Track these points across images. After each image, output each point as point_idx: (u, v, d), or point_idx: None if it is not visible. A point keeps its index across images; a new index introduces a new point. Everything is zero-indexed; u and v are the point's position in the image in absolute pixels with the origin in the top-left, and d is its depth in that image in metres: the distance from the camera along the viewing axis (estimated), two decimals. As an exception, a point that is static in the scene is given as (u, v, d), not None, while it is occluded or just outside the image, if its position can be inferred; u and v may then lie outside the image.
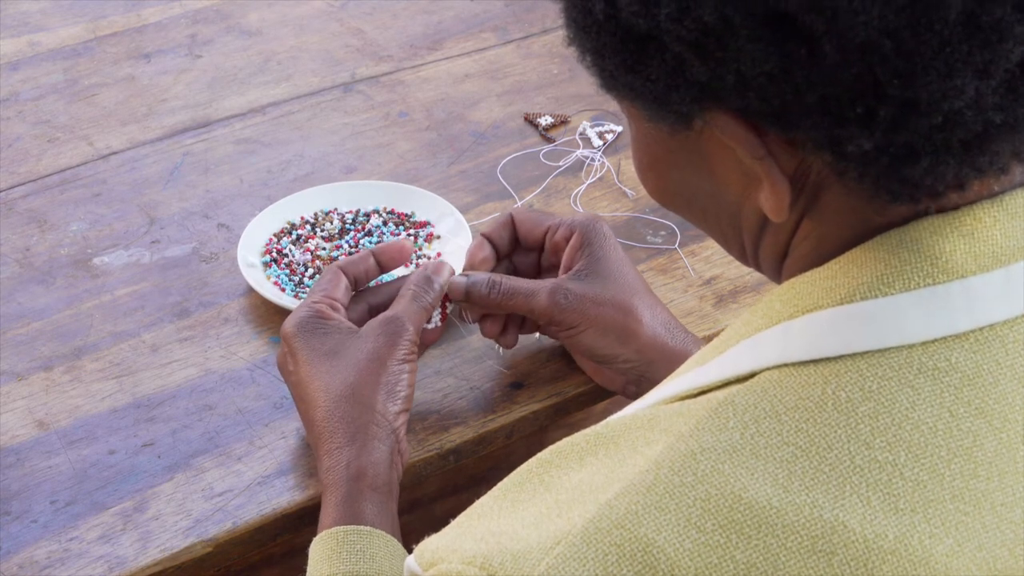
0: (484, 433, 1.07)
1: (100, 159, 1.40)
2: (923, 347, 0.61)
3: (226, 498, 1.01)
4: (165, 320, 1.18)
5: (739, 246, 0.71)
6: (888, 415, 0.60)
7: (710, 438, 0.60)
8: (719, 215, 0.69)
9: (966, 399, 0.61)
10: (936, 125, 0.57)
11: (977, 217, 0.62)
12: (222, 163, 1.39)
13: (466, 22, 1.66)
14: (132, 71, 1.56)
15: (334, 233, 1.26)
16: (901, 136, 0.58)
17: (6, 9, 1.68)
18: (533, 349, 1.14)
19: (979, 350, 0.61)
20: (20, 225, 1.30)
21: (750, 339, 0.65)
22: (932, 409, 0.60)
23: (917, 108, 0.56)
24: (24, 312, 1.19)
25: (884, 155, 0.59)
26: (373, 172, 1.37)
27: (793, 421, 0.60)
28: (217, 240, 1.28)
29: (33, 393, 1.10)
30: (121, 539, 0.97)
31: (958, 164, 0.59)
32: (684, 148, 0.67)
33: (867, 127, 0.58)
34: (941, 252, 0.62)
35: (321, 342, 0.99)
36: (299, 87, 1.53)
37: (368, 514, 0.93)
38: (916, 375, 0.60)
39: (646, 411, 0.65)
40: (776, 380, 0.62)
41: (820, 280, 0.64)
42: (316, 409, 0.97)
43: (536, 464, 0.66)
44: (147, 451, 1.05)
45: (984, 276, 0.62)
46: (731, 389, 0.62)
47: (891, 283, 0.62)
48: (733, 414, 0.61)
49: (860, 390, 0.60)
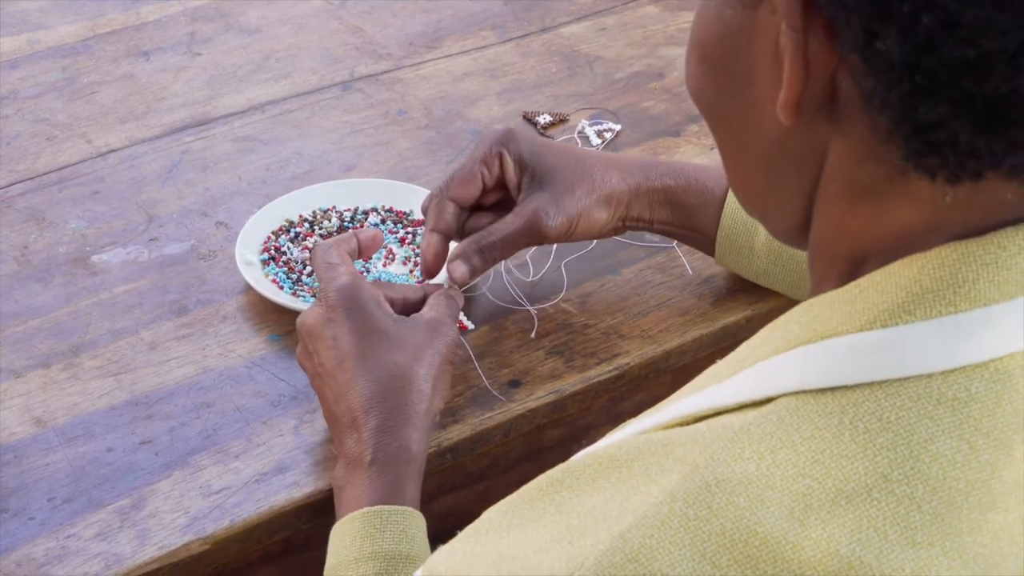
0: (481, 431, 1.07)
1: (99, 157, 1.40)
2: (943, 377, 0.60)
3: (224, 496, 1.01)
4: (163, 318, 1.18)
5: (754, 176, 0.70)
6: (906, 447, 0.58)
7: (725, 470, 0.59)
8: (743, 122, 0.67)
9: (985, 430, 0.59)
10: (967, 60, 0.54)
11: (1001, 244, 0.61)
12: (221, 161, 1.39)
13: (465, 20, 1.66)
14: (131, 69, 1.56)
15: (332, 231, 1.26)
16: (929, 59, 0.55)
17: (6, 7, 1.68)
18: (531, 348, 1.14)
19: (999, 379, 0.60)
20: (19, 223, 1.30)
21: (767, 361, 0.63)
22: (951, 441, 0.59)
23: (957, 31, 0.54)
24: (22, 309, 1.19)
25: (906, 79, 0.56)
26: (372, 170, 1.37)
27: (810, 452, 0.59)
28: (215, 238, 1.28)
29: (31, 390, 1.10)
30: (118, 537, 0.97)
31: (973, 130, 0.57)
32: (740, 29, 0.64)
33: (904, 31, 0.55)
34: (964, 280, 0.60)
35: (370, 318, 1.00)
36: (298, 85, 1.53)
37: (411, 497, 0.94)
38: (935, 406, 0.59)
39: (660, 435, 0.63)
40: (793, 408, 0.60)
41: (840, 304, 0.63)
42: (362, 382, 0.97)
43: (547, 482, 0.64)
44: (145, 449, 1.05)
45: (1006, 304, 0.60)
46: (747, 415, 0.61)
47: (912, 311, 0.60)
48: (749, 444, 0.59)
49: (878, 421, 0.59)
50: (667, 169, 1.14)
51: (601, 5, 1.68)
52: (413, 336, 1.00)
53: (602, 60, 1.57)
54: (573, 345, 1.14)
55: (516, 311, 1.18)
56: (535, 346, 1.14)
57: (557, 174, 1.11)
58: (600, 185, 1.12)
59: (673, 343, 1.15)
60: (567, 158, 1.12)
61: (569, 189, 1.11)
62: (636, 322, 1.17)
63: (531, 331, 1.16)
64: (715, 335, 1.17)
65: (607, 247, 1.25)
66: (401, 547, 0.89)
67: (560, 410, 1.11)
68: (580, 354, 1.13)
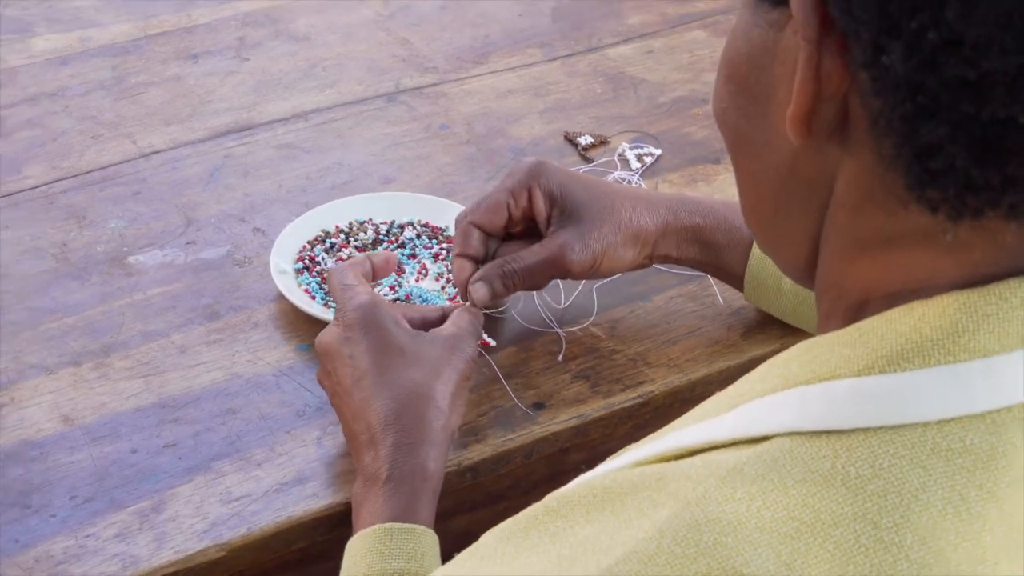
0: (503, 452, 1.07)
1: (142, 157, 1.41)
2: (939, 426, 0.59)
3: (243, 503, 1.01)
4: (195, 322, 1.19)
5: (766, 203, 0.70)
6: (897, 495, 0.58)
7: (716, 509, 0.59)
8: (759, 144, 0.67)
9: (978, 482, 0.59)
10: (967, 81, 0.54)
11: (1002, 296, 0.61)
12: (262, 167, 1.40)
13: (513, 37, 1.67)
14: (179, 71, 1.57)
15: (367, 243, 1.27)
16: (932, 78, 0.55)
17: (60, 4, 1.70)
18: (557, 371, 1.14)
19: (995, 432, 0.60)
20: (60, 220, 1.32)
21: (765, 399, 0.63)
22: (942, 491, 0.59)
23: (960, 49, 0.54)
24: (58, 307, 1.20)
25: (909, 98, 0.56)
26: (411, 183, 1.38)
27: (800, 495, 0.59)
28: (252, 244, 1.29)
29: (61, 388, 1.11)
30: (137, 538, 0.98)
31: (971, 158, 0.56)
32: (766, 50, 0.64)
33: (909, 47, 0.55)
34: (964, 330, 0.60)
35: (388, 335, 1.01)
36: (343, 95, 1.54)
37: (425, 515, 0.95)
38: (929, 455, 0.59)
39: (655, 468, 0.64)
40: (787, 449, 0.61)
41: (840, 346, 0.63)
42: (380, 399, 0.98)
43: (543, 511, 0.65)
44: (168, 452, 1.06)
45: (1007, 356, 0.60)
46: (742, 453, 0.61)
47: (911, 359, 0.60)
48: (741, 484, 0.59)
49: (871, 467, 0.59)
50: (696, 207, 1.14)
51: (649, 28, 1.68)
52: (431, 352, 1.01)
53: (647, 83, 1.57)
54: (599, 370, 1.15)
55: (545, 333, 1.18)
56: (561, 369, 1.15)
57: (585, 210, 1.11)
58: (628, 223, 1.12)
59: (699, 373, 1.15)
60: (596, 194, 1.12)
61: (596, 226, 1.11)
62: (664, 350, 1.17)
63: (558, 354, 1.16)
64: (742, 366, 1.16)
65: (640, 273, 1.25)
66: (410, 565, 0.90)
67: (583, 435, 1.11)
68: (606, 379, 1.14)
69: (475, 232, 1.13)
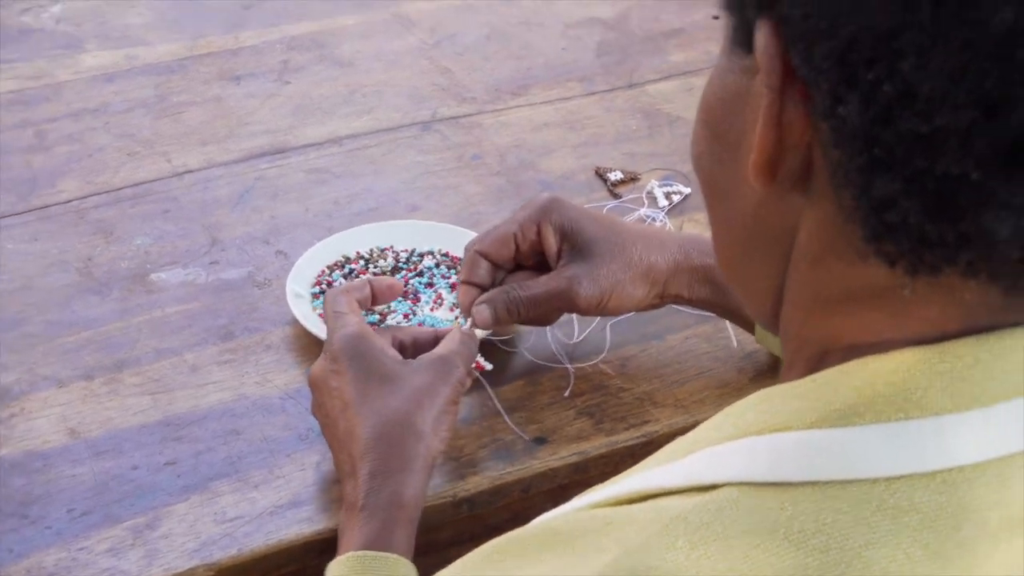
0: (500, 485, 1.07)
1: (175, 176, 1.43)
2: (887, 483, 0.58)
3: (236, 524, 1.02)
4: (209, 341, 1.20)
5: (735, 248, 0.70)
6: (839, 551, 0.57)
7: (656, 557, 0.58)
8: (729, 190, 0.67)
9: (924, 541, 0.58)
10: (921, 135, 0.54)
11: (957, 355, 0.60)
12: (291, 190, 1.41)
13: (555, 70, 1.67)
14: (221, 92, 1.59)
15: (386, 270, 1.27)
16: (887, 132, 0.55)
17: (111, 21, 1.73)
18: (563, 406, 1.14)
19: (945, 491, 0.59)
20: (88, 234, 1.34)
21: (719, 447, 0.62)
22: (886, 549, 0.58)
23: (914, 103, 0.54)
24: (77, 320, 1.22)
25: (865, 150, 0.56)
26: (437, 212, 1.39)
27: (742, 547, 0.58)
28: (273, 267, 1.30)
29: (71, 401, 1.13)
30: (128, 554, 0.99)
31: (924, 213, 0.56)
32: (738, 95, 0.64)
33: (866, 99, 0.55)
34: (916, 387, 0.59)
35: (372, 364, 1.01)
36: (380, 121, 1.55)
37: (400, 544, 0.95)
38: (874, 512, 0.58)
39: (604, 512, 0.63)
40: (734, 499, 0.60)
41: (793, 398, 0.62)
42: (360, 428, 0.98)
43: (493, 550, 0.65)
44: (168, 469, 1.07)
45: (959, 415, 0.59)
46: (687, 502, 0.60)
47: (862, 413, 0.59)
48: (683, 532, 0.59)
49: (815, 522, 0.58)
50: (708, 247, 1.13)
51: (692, 65, 1.68)
52: (414, 379, 1.01)
53: (683, 120, 1.57)
54: (605, 407, 1.14)
55: (555, 368, 1.18)
56: (567, 405, 1.14)
57: (595, 246, 1.11)
58: (638, 261, 1.12)
59: (705, 414, 1.12)
60: (607, 231, 1.12)
61: (606, 262, 1.11)
62: (672, 390, 1.16)
63: (565, 389, 1.16)
64: (751, 411, 1.15)
65: (657, 312, 1.24)
66: None
67: (583, 472, 1.10)
68: (610, 417, 1.13)
69: (482, 261, 1.14)
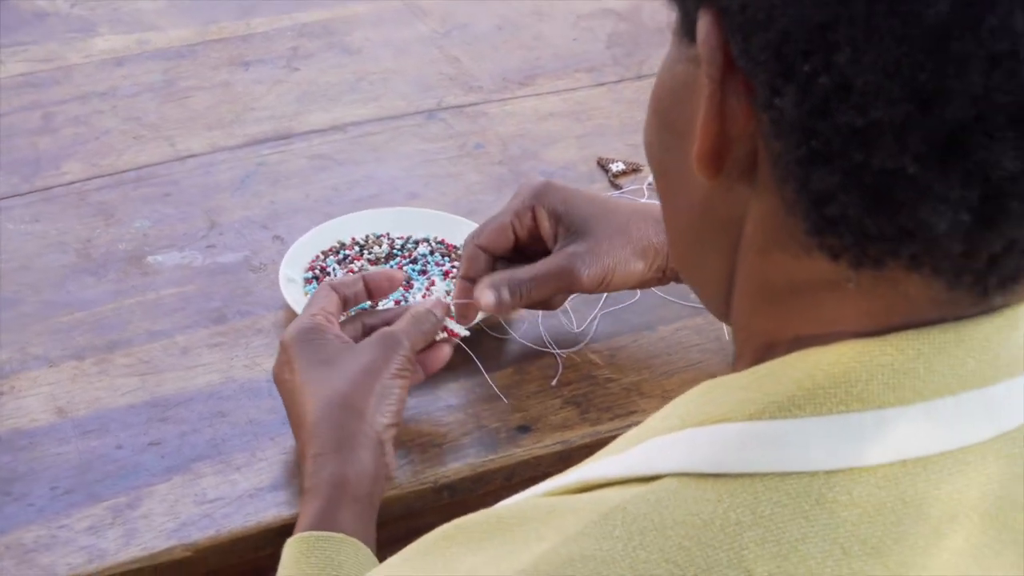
0: (482, 472, 1.07)
1: (178, 160, 1.44)
2: (826, 476, 0.58)
3: (216, 505, 1.03)
4: (201, 324, 1.21)
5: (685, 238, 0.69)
6: (775, 544, 0.56)
7: (592, 546, 0.58)
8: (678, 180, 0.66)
9: (862, 537, 0.57)
10: (857, 129, 0.53)
11: (899, 348, 0.59)
12: (292, 176, 1.42)
13: (564, 60, 1.67)
14: (229, 77, 1.60)
15: (381, 257, 1.27)
16: (824, 124, 0.54)
17: (125, 6, 1.74)
18: (549, 395, 1.14)
19: (885, 487, 0.58)
20: (88, 216, 1.34)
21: (662, 438, 0.62)
22: (823, 544, 0.57)
23: (849, 96, 0.53)
24: (72, 301, 1.23)
25: (804, 143, 0.55)
26: (436, 200, 1.39)
27: (678, 537, 0.57)
28: (269, 251, 1.30)
29: (60, 380, 1.14)
30: (108, 533, 1.00)
31: (863, 207, 0.55)
32: (686, 84, 0.63)
33: (802, 91, 0.54)
34: (857, 380, 0.58)
35: (317, 351, 1.02)
36: (385, 109, 1.55)
37: (345, 523, 0.95)
38: (812, 505, 0.57)
39: (548, 501, 0.63)
40: (673, 490, 0.59)
41: (736, 389, 0.61)
42: (306, 414, 1.00)
43: (441, 536, 0.65)
44: (152, 450, 1.07)
45: (901, 409, 0.58)
46: (627, 492, 0.60)
47: (802, 405, 0.59)
48: (621, 522, 0.58)
49: (751, 514, 0.57)
50: None
51: (702, 58, 1.67)
52: (355, 359, 1.02)
53: (689, 113, 1.56)
54: (592, 397, 1.14)
55: (544, 357, 1.18)
56: (553, 394, 1.14)
57: (592, 225, 1.11)
58: (636, 236, 1.12)
59: (692, 407, 1.13)
60: (602, 209, 1.12)
61: (605, 238, 1.11)
62: (660, 381, 1.16)
63: (553, 378, 1.16)
64: (739, 404, 1.15)
65: (651, 303, 1.24)
66: (323, 573, 0.90)
67: (566, 460, 1.10)
68: (596, 407, 1.13)
69: (481, 255, 1.14)
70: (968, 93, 0.51)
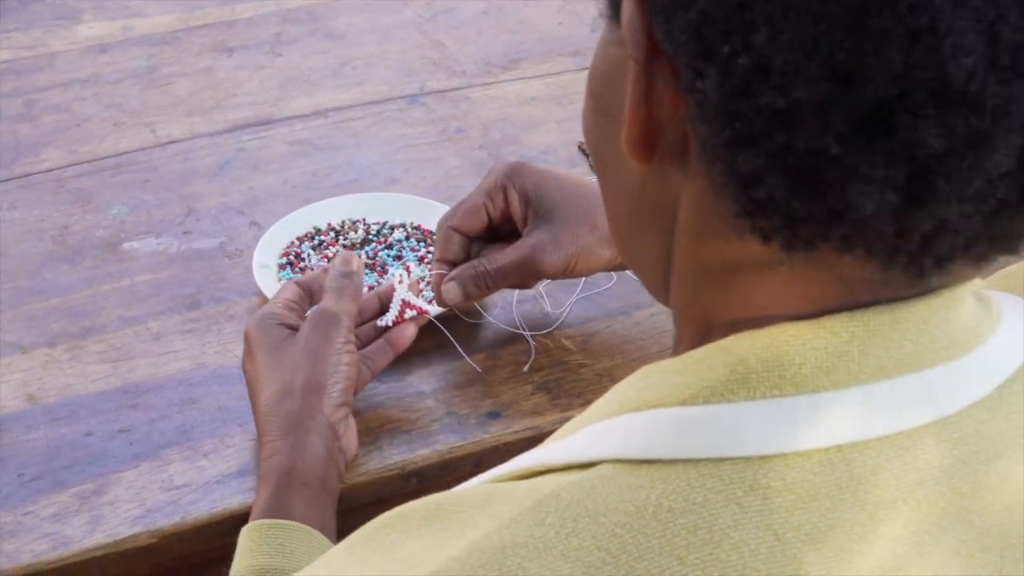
0: (450, 459, 1.07)
1: (158, 147, 1.44)
2: (760, 462, 0.57)
3: (182, 492, 1.02)
4: (174, 311, 1.20)
5: (624, 222, 0.68)
6: (708, 531, 0.56)
7: (524, 533, 0.57)
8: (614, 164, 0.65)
9: (796, 523, 0.56)
10: (778, 110, 0.52)
11: (832, 331, 0.58)
12: (272, 162, 1.42)
13: (548, 45, 1.66)
14: (212, 63, 1.60)
15: (356, 242, 1.27)
16: (746, 106, 0.53)
17: (111, -8, 1.74)
18: (521, 381, 1.13)
19: (820, 472, 0.57)
20: (65, 203, 1.34)
21: (601, 424, 0.61)
22: (756, 530, 0.56)
23: (769, 76, 0.52)
24: (47, 288, 1.23)
25: (728, 126, 0.54)
26: (416, 185, 1.38)
27: (610, 524, 0.56)
28: (245, 237, 1.30)
29: (32, 367, 1.13)
30: (73, 520, 1.00)
31: (790, 189, 0.54)
32: (617, 68, 0.62)
33: (723, 73, 0.53)
34: (790, 363, 0.58)
35: (270, 339, 1.03)
36: (367, 94, 1.55)
37: (295, 509, 0.95)
38: (746, 492, 0.56)
39: (485, 487, 0.63)
40: (607, 476, 0.58)
41: (672, 374, 0.60)
42: (259, 403, 1.01)
43: (383, 524, 0.64)
44: (121, 436, 1.07)
45: (836, 393, 0.57)
46: (563, 479, 0.59)
47: (735, 390, 0.58)
48: (554, 509, 0.57)
49: (684, 500, 0.56)
50: None
51: (688, 41, 1.66)
52: (296, 345, 1.02)
53: (673, 97, 1.55)
54: (563, 383, 1.13)
55: (517, 343, 1.18)
56: (525, 380, 1.14)
57: (560, 210, 1.11)
58: (603, 223, 1.10)
59: (663, 392, 1.13)
60: (572, 194, 1.12)
61: (572, 226, 1.11)
62: (632, 366, 1.13)
63: (525, 364, 1.15)
64: (712, 389, 1.14)
65: (628, 288, 1.23)
66: (275, 561, 0.90)
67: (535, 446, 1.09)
68: (568, 393, 1.12)
69: (455, 236, 1.14)
70: (888, 71, 0.50)
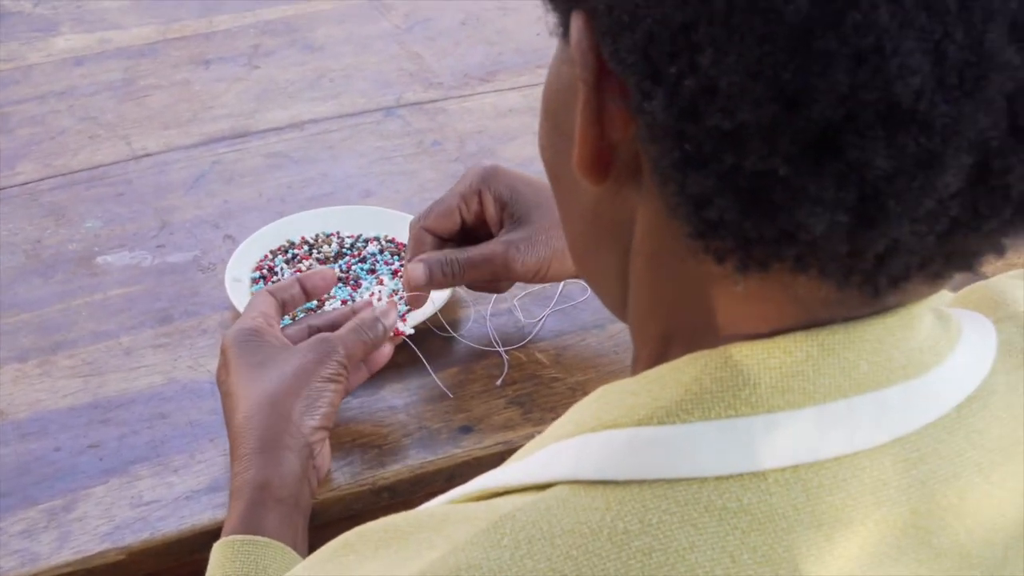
0: (422, 474, 1.07)
1: (132, 160, 1.43)
2: (716, 483, 0.56)
3: (151, 508, 1.02)
4: (146, 325, 1.20)
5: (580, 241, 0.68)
6: (663, 553, 0.56)
7: (480, 555, 0.57)
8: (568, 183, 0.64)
9: (752, 545, 0.56)
10: (725, 132, 0.52)
11: (787, 350, 0.58)
12: (247, 175, 1.41)
13: (526, 56, 1.66)
14: (189, 76, 1.59)
15: (330, 256, 1.27)
16: (694, 127, 0.53)
17: (87, 5, 1.73)
18: (493, 395, 1.13)
19: (776, 492, 0.57)
20: (38, 217, 1.34)
21: (558, 444, 0.61)
22: (712, 552, 0.56)
23: (715, 98, 0.51)
24: (18, 302, 1.22)
25: (677, 147, 0.54)
26: (391, 198, 1.38)
27: (565, 546, 0.56)
28: (219, 251, 1.29)
29: (2, 383, 1.13)
30: (41, 536, 0.99)
31: (740, 210, 0.54)
32: (571, 87, 0.61)
33: (670, 94, 0.53)
34: (745, 383, 0.57)
35: (253, 353, 1.02)
36: (344, 106, 1.54)
37: (268, 525, 0.95)
38: (701, 513, 0.56)
39: (443, 508, 0.62)
40: (563, 498, 0.58)
41: (627, 394, 0.60)
42: (236, 415, 1.00)
43: (341, 544, 0.64)
44: (91, 452, 1.07)
45: (791, 413, 0.57)
46: (519, 500, 0.59)
47: (690, 410, 0.57)
48: (510, 531, 0.57)
49: (639, 522, 0.56)
50: None
51: (666, 53, 1.66)
52: (288, 362, 1.01)
53: (649, 109, 1.55)
54: (536, 397, 1.13)
55: (490, 357, 1.17)
56: (498, 394, 1.13)
57: (534, 214, 1.11)
58: None
59: (636, 406, 1.13)
60: (546, 199, 1.11)
61: (545, 229, 1.11)
62: (606, 380, 1.12)
63: (498, 378, 1.15)
64: (685, 402, 1.14)
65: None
66: None
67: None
68: (540, 407, 1.12)
69: (428, 237, 1.13)
70: (835, 92, 0.50)
